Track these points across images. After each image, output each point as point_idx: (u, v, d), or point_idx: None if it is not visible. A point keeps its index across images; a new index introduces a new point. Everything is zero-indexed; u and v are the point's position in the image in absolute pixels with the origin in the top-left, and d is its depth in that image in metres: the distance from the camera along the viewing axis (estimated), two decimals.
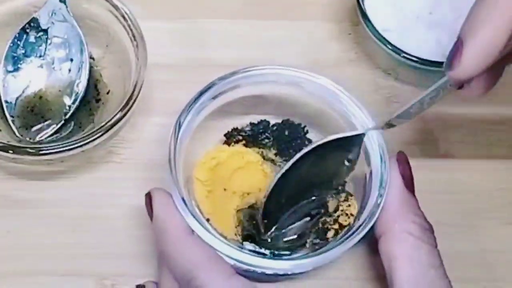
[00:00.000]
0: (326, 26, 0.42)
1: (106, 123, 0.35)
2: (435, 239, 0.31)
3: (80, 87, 0.38)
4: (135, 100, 0.36)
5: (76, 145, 0.34)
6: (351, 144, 0.33)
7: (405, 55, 0.38)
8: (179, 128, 0.33)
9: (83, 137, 0.35)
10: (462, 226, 0.36)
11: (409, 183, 0.31)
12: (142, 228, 0.35)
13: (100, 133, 0.35)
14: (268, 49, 0.41)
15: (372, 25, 0.39)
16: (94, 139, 0.35)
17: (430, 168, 0.38)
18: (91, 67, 0.39)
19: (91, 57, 0.40)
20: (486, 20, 0.26)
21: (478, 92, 0.29)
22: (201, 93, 0.34)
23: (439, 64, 0.38)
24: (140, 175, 0.37)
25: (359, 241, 0.30)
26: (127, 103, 0.36)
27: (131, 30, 0.38)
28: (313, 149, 0.32)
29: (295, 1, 0.44)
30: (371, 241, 0.32)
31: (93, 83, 0.39)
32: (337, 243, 0.30)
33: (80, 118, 0.39)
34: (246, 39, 0.42)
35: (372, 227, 0.31)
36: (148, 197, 0.31)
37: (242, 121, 0.37)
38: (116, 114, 0.35)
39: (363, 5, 0.40)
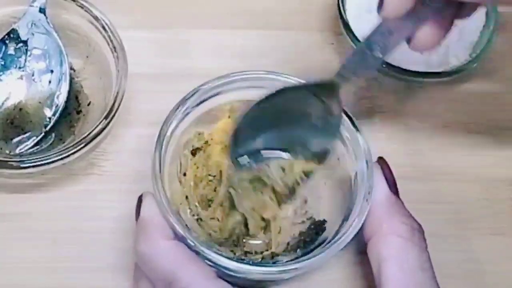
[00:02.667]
0: (308, 36, 0.43)
1: (87, 135, 0.35)
2: (425, 240, 0.31)
3: (61, 99, 0.38)
4: (116, 112, 0.36)
5: (57, 158, 0.35)
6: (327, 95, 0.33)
7: (387, 65, 0.39)
8: (164, 134, 0.33)
9: (64, 149, 0.35)
10: (446, 236, 0.37)
11: (392, 186, 0.32)
12: (123, 240, 0.36)
13: (81, 145, 0.35)
14: (251, 59, 0.42)
15: (354, 35, 0.40)
16: (75, 151, 0.35)
17: (414, 178, 0.38)
18: (71, 79, 0.39)
19: (71, 68, 0.40)
20: None
21: (426, 46, 0.30)
22: (186, 99, 0.34)
23: (422, 74, 0.39)
24: (121, 187, 0.38)
25: (345, 245, 0.30)
26: (108, 115, 0.36)
27: (111, 41, 0.38)
28: (290, 91, 0.33)
29: (277, 11, 0.44)
30: (361, 246, 0.32)
31: (73, 95, 0.39)
32: (324, 248, 0.31)
33: (61, 130, 0.39)
34: (228, 48, 0.43)
35: (359, 231, 0.31)
36: (139, 199, 0.32)
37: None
38: (97, 126, 0.35)
39: (345, 14, 0.40)
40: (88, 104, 0.39)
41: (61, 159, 0.35)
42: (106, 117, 0.36)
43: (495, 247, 0.37)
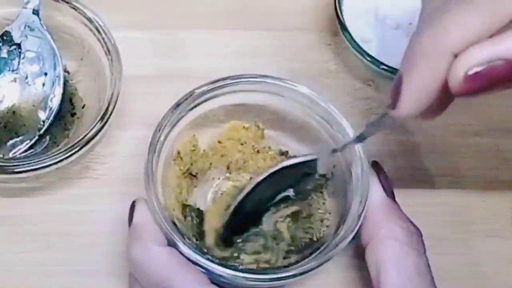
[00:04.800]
0: (305, 36, 0.42)
1: (81, 138, 0.34)
2: (423, 243, 0.30)
3: (54, 102, 0.37)
4: (110, 114, 0.35)
5: (51, 162, 0.34)
6: (308, 166, 0.33)
7: (384, 66, 0.38)
8: (157, 139, 0.32)
9: (58, 153, 0.34)
10: (444, 239, 0.36)
11: (388, 189, 0.31)
12: (118, 245, 0.34)
13: (75, 149, 0.34)
14: (246, 59, 0.41)
15: (351, 36, 0.39)
16: (69, 155, 0.34)
17: (412, 181, 0.37)
18: (65, 81, 0.38)
19: (65, 71, 0.39)
20: (422, 57, 0.24)
21: (429, 118, 0.28)
22: (179, 103, 0.33)
23: None
24: (116, 190, 0.36)
25: (342, 251, 0.30)
26: (102, 117, 0.35)
27: (105, 43, 0.37)
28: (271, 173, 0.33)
29: (274, 11, 0.43)
30: (357, 251, 0.32)
31: (68, 97, 0.38)
32: (320, 254, 0.30)
33: (55, 133, 0.38)
34: (224, 49, 0.41)
35: (354, 238, 0.30)
36: (132, 205, 0.31)
37: (221, 131, 0.36)
38: (91, 129, 0.34)
39: (342, 15, 0.39)
40: (83, 107, 0.38)
41: (55, 163, 0.34)
42: (100, 120, 0.35)
43: (495, 249, 0.36)
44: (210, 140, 0.36)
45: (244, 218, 0.33)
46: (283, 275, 0.29)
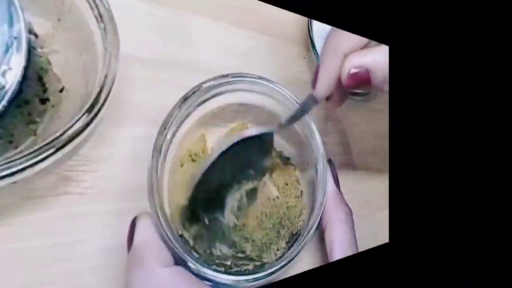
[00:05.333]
0: (290, 47, 0.40)
1: (58, 136, 0.23)
2: (353, 220, 0.38)
3: (9, 78, 0.24)
4: (103, 104, 0.24)
5: (4, 174, 0.21)
6: (263, 142, 0.35)
7: None
8: (163, 138, 0.27)
9: (17, 159, 0.21)
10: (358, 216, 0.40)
11: (336, 182, 0.38)
12: (110, 279, 0.25)
13: (48, 152, 0.22)
14: (244, 58, 0.36)
15: (317, 53, 0.40)
16: (36, 162, 0.22)
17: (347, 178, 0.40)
18: (31, 48, 0.25)
19: (31, 32, 0.26)
20: (329, 54, 0.33)
21: (335, 106, 0.37)
22: (186, 98, 0.28)
23: (355, 94, 0.42)
24: (110, 208, 0.27)
25: (311, 238, 0.33)
26: (91, 108, 0.24)
27: (96, 5, 0.25)
28: (231, 147, 0.32)
29: (272, 17, 0.40)
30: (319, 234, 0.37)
31: (35, 73, 0.26)
32: (300, 240, 0.33)
33: (11, 127, 0.25)
34: (225, 42, 0.35)
35: (319, 224, 0.36)
36: (132, 222, 0.27)
37: (225, 130, 0.33)
38: (74, 123, 0.23)
39: (311, 33, 0.40)
40: (60, 91, 0.26)
41: (12, 174, 0.21)
42: (88, 111, 0.24)
43: (385, 219, 0.42)
44: (218, 139, 0.32)
45: (208, 192, 0.32)
46: (277, 267, 0.31)
